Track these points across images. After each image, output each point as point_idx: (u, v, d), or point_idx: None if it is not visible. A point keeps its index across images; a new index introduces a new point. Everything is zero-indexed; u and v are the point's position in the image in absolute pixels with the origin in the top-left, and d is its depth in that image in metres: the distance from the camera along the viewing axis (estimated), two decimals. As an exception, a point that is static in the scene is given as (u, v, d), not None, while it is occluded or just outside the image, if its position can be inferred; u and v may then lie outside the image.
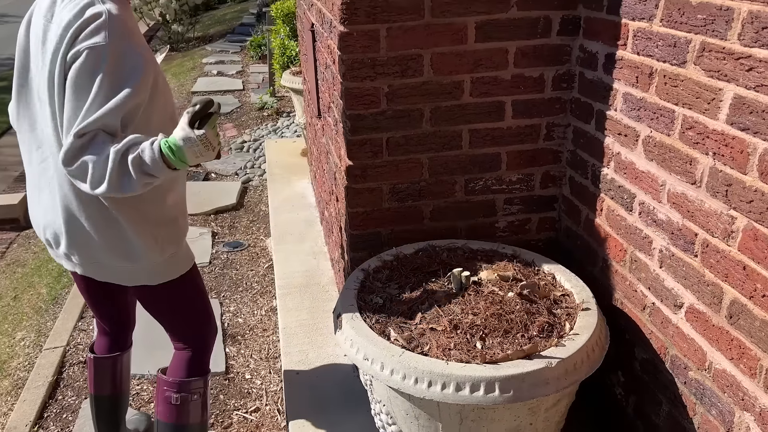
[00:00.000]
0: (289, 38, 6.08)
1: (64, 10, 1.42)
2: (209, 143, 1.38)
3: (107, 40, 1.36)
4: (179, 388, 1.77)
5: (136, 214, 1.57)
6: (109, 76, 1.36)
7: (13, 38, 7.01)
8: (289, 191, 3.77)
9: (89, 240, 1.58)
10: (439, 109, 1.80)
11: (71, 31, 1.37)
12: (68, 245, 1.60)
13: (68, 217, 1.56)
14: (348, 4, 1.63)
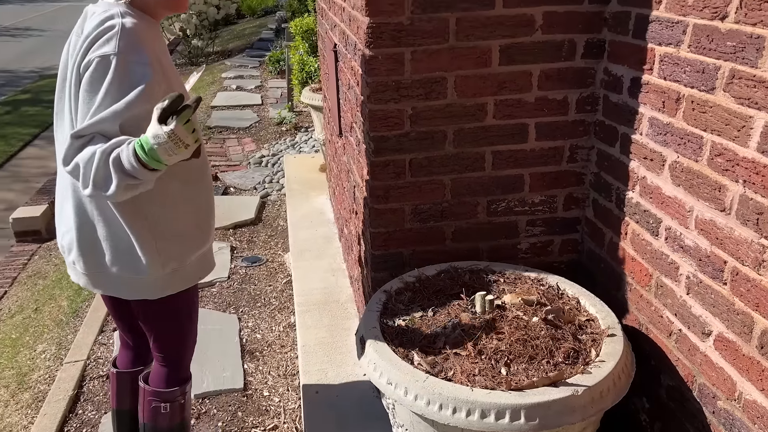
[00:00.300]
0: (308, 54, 6.15)
1: (89, 25, 1.48)
2: (179, 140, 1.34)
3: (116, 50, 1.40)
4: (164, 398, 1.82)
5: (143, 224, 1.59)
6: (114, 84, 1.39)
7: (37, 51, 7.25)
8: (307, 207, 3.78)
9: (96, 248, 1.61)
10: (462, 131, 1.80)
11: (87, 42, 1.43)
12: (78, 252, 1.63)
13: (80, 224, 1.60)
14: (374, 28, 1.65)
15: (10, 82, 10.76)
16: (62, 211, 1.67)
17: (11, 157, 6.96)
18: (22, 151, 7.18)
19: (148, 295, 1.68)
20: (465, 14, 1.67)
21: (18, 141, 7.40)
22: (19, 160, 6.94)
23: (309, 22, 6.06)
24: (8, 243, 4.93)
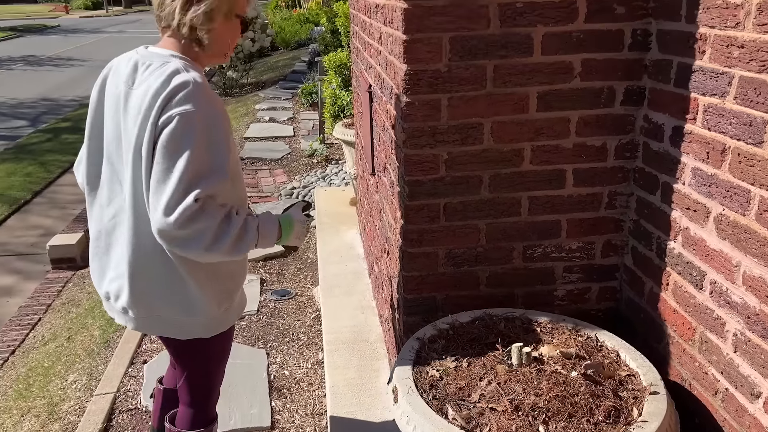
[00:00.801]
0: (340, 88, 6.23)
1: (150, 78, 1.49)
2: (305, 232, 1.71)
3: (196, 107, 1.43)
4: None
5: (202, 270, 1.62)
6: (202, 140, 1.43)
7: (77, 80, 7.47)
8: (337, 242, 3.79)
9: (152, 294, 1.63)
10: (498, 176, 1.79)
11: (161, 98, 1.43)
12: (130, 299, 1.64)
13: (134, 272, 1.61)
14: (411, 75, 1.66)
15: (51, 110, 11.15)
16: (109, 258, 1.67)
17: (50, 183, 7.16)
18: (60, 177, 7.39)
19: (202, 334, 1.72)
20: (503, 61, 1.67)
21: (57, 168, 7.62)
22: (57, 186, 7.13)
23: (342, 56, 6.15)
24: (44, 269, 5.04)
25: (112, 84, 1.59)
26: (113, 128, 1.58)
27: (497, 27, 1.64)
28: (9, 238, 5.77)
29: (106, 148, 1.61)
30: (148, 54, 1.56)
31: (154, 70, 1.49)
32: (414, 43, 1.63)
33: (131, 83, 1.53)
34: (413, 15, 1.61)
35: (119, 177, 1.59)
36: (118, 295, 1.67)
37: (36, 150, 8.41)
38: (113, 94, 1.57)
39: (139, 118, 1.46)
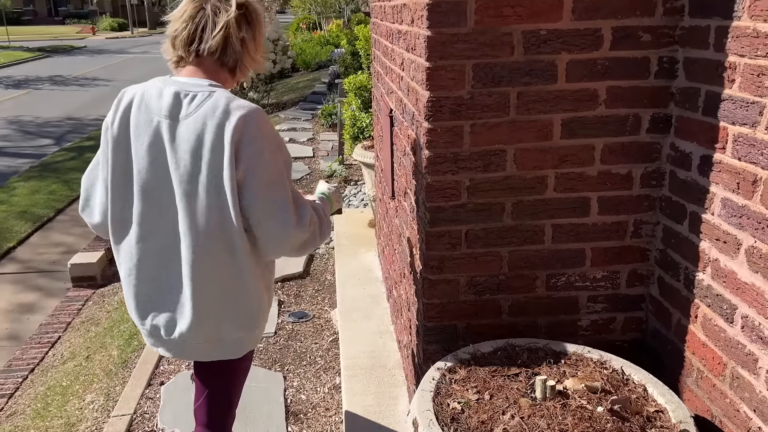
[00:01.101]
0: (360, 110, 6.27)
1: (201, 109, 1.50)
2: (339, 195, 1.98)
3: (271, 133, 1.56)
4: None
5: (262, 280, 1.69)
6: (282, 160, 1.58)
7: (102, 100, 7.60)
8: (355, 264, 3.77)
9: (217, 315, 1.64)
10: (521, 204, 1.76)
11: (229, 137, 1.47)
12: (191, 326, 1.63)
13: (197, 297, 1.60)
14: (434, 102, 1.65)
15: (76, 128, 11.37)
16: (154, 292, 1.65)
17: (72, 201, 7.27)
18: (84, 196, 7.49)
19: (251, 347, 1.77)
20: (526, 88, 1.66)
21: (79, 186, 7.74)
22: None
23: (362, 79, 6.20)
24: (65, 286, 5.09)
25: (141, 117, 1.55)
26: (149, 161, 1.55)
27: (521, 54, 1.63)
28: (32, 255, 5.85)
29: (139, 184, 1.57)
30: (184, 84, 1.56)
31: (203, 101, 1.52)
32: (437, 70, 1.63)
33: (176, 115, 1.52)
34: (437, 42, 1.60)
35: (163, 209, 1.58)
36: (172, 326, 1.65)
37: (60, 168, 8.56)
38: (146, 126, 1.55)
39: (206, 148, 1.49)
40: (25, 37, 34.70)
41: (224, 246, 1.57)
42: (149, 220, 1.60)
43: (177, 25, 1.60)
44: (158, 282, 1.64)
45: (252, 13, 1.63)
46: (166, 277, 1.62)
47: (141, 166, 1.57)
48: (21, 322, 4.62)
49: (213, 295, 1.62)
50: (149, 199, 1.59)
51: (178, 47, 1.61)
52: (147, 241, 1.61)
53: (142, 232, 1.61)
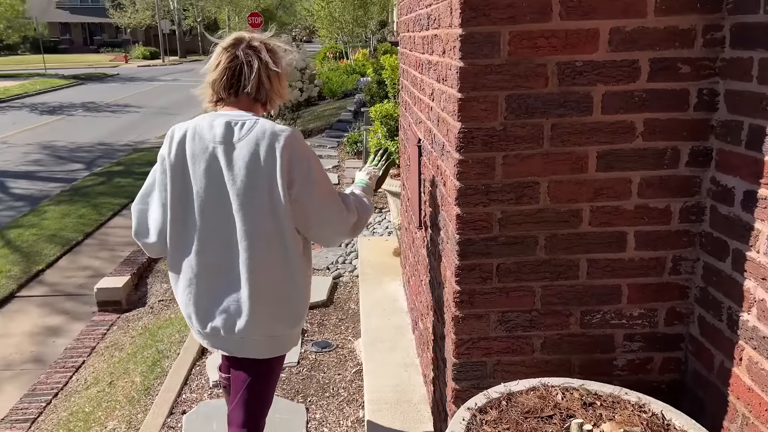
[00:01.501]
0: (385, 138, 6.29)
1: (252, 133, 1.80)
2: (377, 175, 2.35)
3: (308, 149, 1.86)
4: None
5: (308, 278, 1.96)
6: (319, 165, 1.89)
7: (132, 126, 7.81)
8: (380, 293, 3.72)
9: (272, 313, 1.88)
10: (554, 237, 1.71)
11: (279, 154, 1.77)
12: (250, 324, 1.86)
13: (256, 297, 1.84)
14: (465, 133, 1.62)
15: (106, 154, 11.61)
16: (215, 296, 1.88)
17: (101, 225, 7.37)
18: (111, 220, 7.60)
19: (293, 344, 2.01)
20: (561, 120, 1.62)
21: (108, 210, 7.85)
22: (107, 228, 7.33)
23: (388, 107, 6.22)
24: (90, 310, 5.12)
25: (197, 146, 1.82)
26: (207, 182, 1.82)
27: (555, 85, 1.60)
28: (60, 278, 5.92)
29: (198, 204, 1.84)
30: (231, 116, 1.84)
31: (252, 126, 1.81)
32: (469, 101, 1.60)
33: (230, 140, 1.80)
34: (469, 73, 1.58)
35: (219, 225, 1.84)
36: (232, 326, 1.87)
37: (90, 192, 8.71)
38: (202, 153, 1.82)
39: (259, 165, 1.78)
40: (60, 65, 35.86)
41: (279, 249, 1.83)
42: (207, 235, 1.85)
43: (215, 75, 1.89)
44: (217, 289, 1.87)
45: (276, 55, 1.94)
46: (225, 284, 1.86)
47: (199, 187, 1.83)
48: (47, 345, 4.65)
49: (268, 295, 1.86)
50: (207, 217, 1.84)
51: (217, 91, 1.89)
52: (205, 254, 1.86)
53: (201, 247, 1.86)
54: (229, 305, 1.86)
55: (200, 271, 1.88)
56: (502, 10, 1.54)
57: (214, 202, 1.83)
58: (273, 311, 1.88)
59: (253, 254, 1.81)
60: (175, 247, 1.90)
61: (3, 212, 8.02)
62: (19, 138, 13.37)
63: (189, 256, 1.87)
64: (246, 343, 1.90)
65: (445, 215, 1.89)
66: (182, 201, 1.85)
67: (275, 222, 1.80)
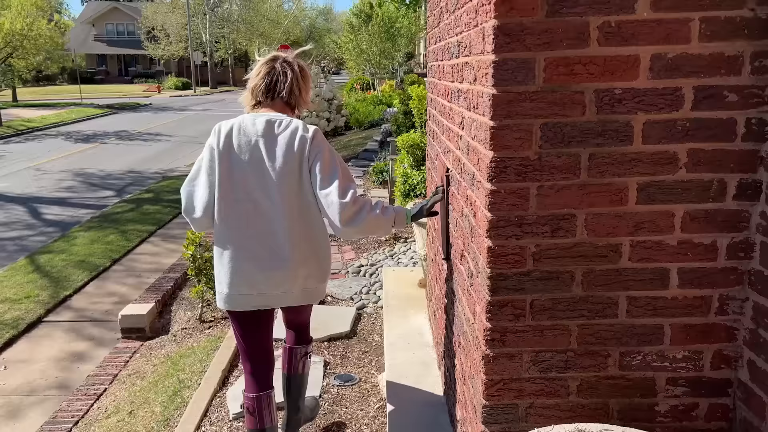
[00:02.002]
0: (411, 167, 6.25)
1: (289, 129, 2.29)
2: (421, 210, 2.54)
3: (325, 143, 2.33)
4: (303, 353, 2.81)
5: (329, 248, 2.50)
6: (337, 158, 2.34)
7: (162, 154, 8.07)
8: (405, 326, 3.63)
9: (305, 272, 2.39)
10: (592, 273, 1.62)
11: (309, 141, 2.27)
12: (290, 281, 2.36)
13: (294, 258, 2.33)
14: (498, 162, 1.56)
15: (136, 181, 11.81)
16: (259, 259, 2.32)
17: (128, 252, 7.42)
18: (139, 246, 7.66)
19: (322, 296, 2.55)
20: (599, 150, 1.55)
21: (136, 237, 7.93)
22: (135, 255, 7.38)
23: (414, 137, 6.21)
24: (115, 336, 5.11)
25: (242, 138, 2.29)
26: (251, 168, 2.28)
27: (593, 114, 1.53)
28: (86, 304, 5.95)
29: (242, 183, 2.28)
30: (270, 116, 2.33)
31: (288, 124, 2.30)
32: (502, 130, 1.54)
33: (269, 136, 2.29)
34: (502, 100, 1.53)
35: (259, 203, 2.29)
36: (276, 284, 2.34)
37: (119, 219, 8.82)
38: (246, 144, 2.28)
39: (293, 152, 2.26)
40: (96, 95, 36.98)
41: (307, 220, 2.33)
42: (251, 210, 2.30)
43: (256, 81, 2.40)
44: (260, 257, 2.31)
45: (305, 71, 2.49)
46: (267, 252, 2.31)
47: (244, 170, 2.28)
48: (71, 371, 4.64)
49: (303, 258, 2.35)
50: (251, 194, 2.29)
51: (257, 95, 2.40)
52: (250, 226, 2.30)
53: (246, 220, 2.30)
54: (272, 267, 2.31)
55: (244, 243, 2.31)
56: (538, 36, 1.49)
57: (256, 182, 2.28)
58: (306, 270, 2.38)
59: (290, 224, 2.29)
60: (223, 221, 2.31)
61: (35, 237, 8.16)
62: (53, 165, 13.72)
63: (236, 228, 2.31)
64: (288, 296, 2.39)
65: (475, 248, 1.81)
66: (229, 182, 2.28)
67: (303, 198, 2.30)
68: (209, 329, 4.89)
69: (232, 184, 2.28)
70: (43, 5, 23.59)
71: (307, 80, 2.48)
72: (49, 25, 23.68)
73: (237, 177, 2.27)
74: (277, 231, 2.28)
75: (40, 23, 22.48)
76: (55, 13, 33.69)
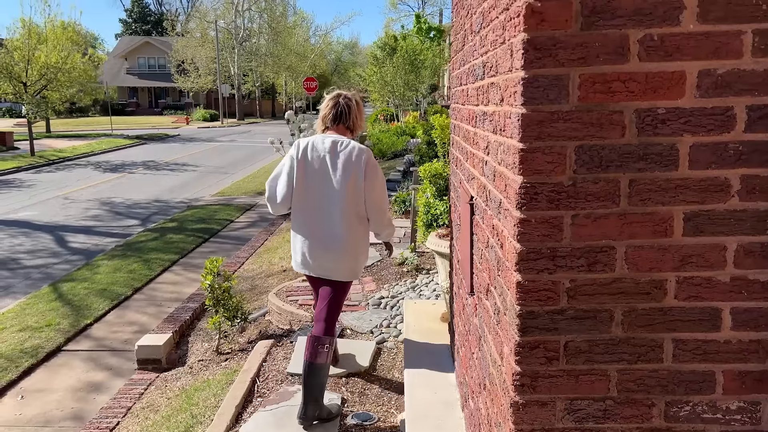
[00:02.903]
0: (434, 197, 6.13)
1: (348, 148, 3.30)
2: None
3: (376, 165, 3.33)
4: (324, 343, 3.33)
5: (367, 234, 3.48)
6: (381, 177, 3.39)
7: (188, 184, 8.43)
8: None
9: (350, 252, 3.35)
10: (633, 312, 1.46)
11: (363, 158, 3.29)
12: (339, 257, 3.34)
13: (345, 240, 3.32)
14: (527, 188, 1.42)
15: (161, 210, 11.89)
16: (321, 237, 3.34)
17: (150, 281, 7.39)
18: (161, 276, 7.63)
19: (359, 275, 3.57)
20: (640, 175, 1.40)
21: (158, 266, 7.90)
22: (156, 284, 7.34)
23: (437, 166, 6.10)
24: (133, 366, 5.02)
25: (314, 153, 3.32)
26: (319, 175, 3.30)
27: (634, 135, 1.39)
28: (106, 333, 5.89)
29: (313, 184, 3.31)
30: (335, 137, 3.34)
31: (347, 144, 3.31)
32: (532, 153, 1.41)
33: (335, 150, 3.30)
34: (532, 121, 1.40)
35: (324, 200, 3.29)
36: (331, 260, 3.34)
37: (142, 248, 8.83)
38: (317, 158, 3.30)
39: (351, 165, 3.26)
40: (126, 126, 37.86)
41: (356, 216, 3.32)
42: (317, 206, 3.30)
43: (325, 111, 3.43)
44: (324, 240, 3.32)
45: (360, 103, 3.55)
46: (329, 237, 3.30)
47: (314, 176, 3.30)
48: (87, 401, 4.55)
49: (351, 243, 3.33)
50: (318, 194, 3.29)
51: (326, 122, 3.44)
52: (317, 218, 3.32)
53: (314, 213, 3.32)
54: (331, 249, 3.32)
55: (313, 229, 3.33)
56: (572, 50, 1.36)
57: (322, 186, 3.28)
58: (352, 253, 3.35)
59: (344, 218, 3.27)
60: (299, 212, 3.37)
61: (59, 266, 8.19)
62: (81, 194, 13.93)
63: (306, 218, 3.35)
64: (337, 270, 3.36)
65: (502, 282, 1.66)
66: (303, 182, 3.29)
67: (356, 200, 3.29)
68: (226, 361, 4.76)
69: (305, 185, 3.30)
70: (78, 40, 24.35)
71: (361, 110, 3.51)
72: (83, 59, 24.41)
73: (309, 180, 3.29)
74: (335, 223, 3.27)
75: (74, 57, 23.17)
76: (89, 47, 34.78)
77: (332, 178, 3.22)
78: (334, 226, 3.24)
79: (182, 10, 77.68)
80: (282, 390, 3.82)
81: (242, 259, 7.97)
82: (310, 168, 3.26)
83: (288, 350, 4.49)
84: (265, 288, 6.41)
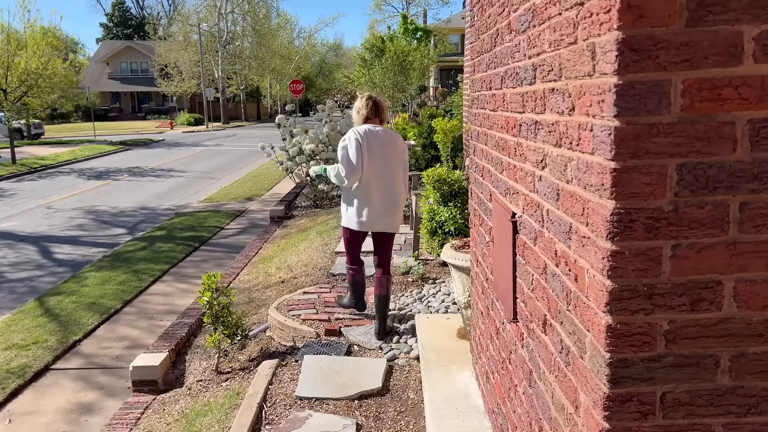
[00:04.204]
0: (438, 204, 5.91)
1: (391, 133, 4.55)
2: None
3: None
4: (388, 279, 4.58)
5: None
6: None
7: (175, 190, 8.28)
8: (449, 387, 3.22)
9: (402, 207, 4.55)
10: (743, 357, 1.25)
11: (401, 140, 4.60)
12: (394, 216, 4.49)
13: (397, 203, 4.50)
14: (621, 214, 1.20)
15: (148, 218, 11.55)
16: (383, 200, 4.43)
17: (140, 292, 7.09)
18: (151, 287, 7.33)
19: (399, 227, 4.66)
20: (754, 198, 1.19)
21: (148, 276, 7.59)
22: (147, 296, 7.05)
23: (441, 172, 5.88)
24: (126, 385, 4.75)
25: (371, 135, 4.38)
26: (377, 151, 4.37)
27: (746, 151, 1.18)
28: (96, 349, 5.60)
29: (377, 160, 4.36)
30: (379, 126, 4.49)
31: (392, 132, 4.55)
32: (627, 173, 1.19)
33: (387, 133, 4.47)
34: (627, 135, 1.18)
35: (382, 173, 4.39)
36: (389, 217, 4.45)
37: (131, 258, 8.51)
38: (377, 142, 4.37)
39: (398, 143, 4.53)
40: (109, 132, 37.22)
41: (404, 182, 4.54)
42: (378, 175, 4.38)
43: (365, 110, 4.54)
44: (384, 203, 4.41)
45: (386, 103, 4.67)
46: (388, 201, 4.42)
47: (374, 153, 4.35)
48: (79, 424, 4.28)
49: (403, 200, 4.54)
50: (378, 166, 4.37)
51: (369, 115, 4.52)
52: (378, 184, 4.39)
53: (376, 181, 4.38)
54: (388, 208, 4.41)
55: (376, 195, 4.38)
56: (675, 51, 1.14)
57: (381, 160, 4.36)
58: (402, 208, 4.53)
59: (397, 184, 4.46)
60: (371, 179, 4.34)
61: (45, 278, 7.86)
62: (65, 203, 13.53)
63: (371, 187, 4.36)
64: (390, 225, 4.45)
65: (575, 320, 1.44)
66: (369, 157, 4.30)
67: (403, 169, 4.50)
68: (227, 381, 4.50)
69: (370, 160, 4.31)
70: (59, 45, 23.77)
71: (386, 106, 4.65)
72: (64, 64, 23.83)
73: (372, 156, 4.32)
74: (397, 184, 4.45)
75: (55, 62, 22.62)
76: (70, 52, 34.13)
77: (391, 153, 4.39)
78: (396, 186, 4.43)
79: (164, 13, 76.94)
80: (292, 416, 3.57)
81: (237, 270, 7.69)
82: (372, 148, 4.32)
83: (294, 371, 4.24)
84: (263, 301, 6.15)
